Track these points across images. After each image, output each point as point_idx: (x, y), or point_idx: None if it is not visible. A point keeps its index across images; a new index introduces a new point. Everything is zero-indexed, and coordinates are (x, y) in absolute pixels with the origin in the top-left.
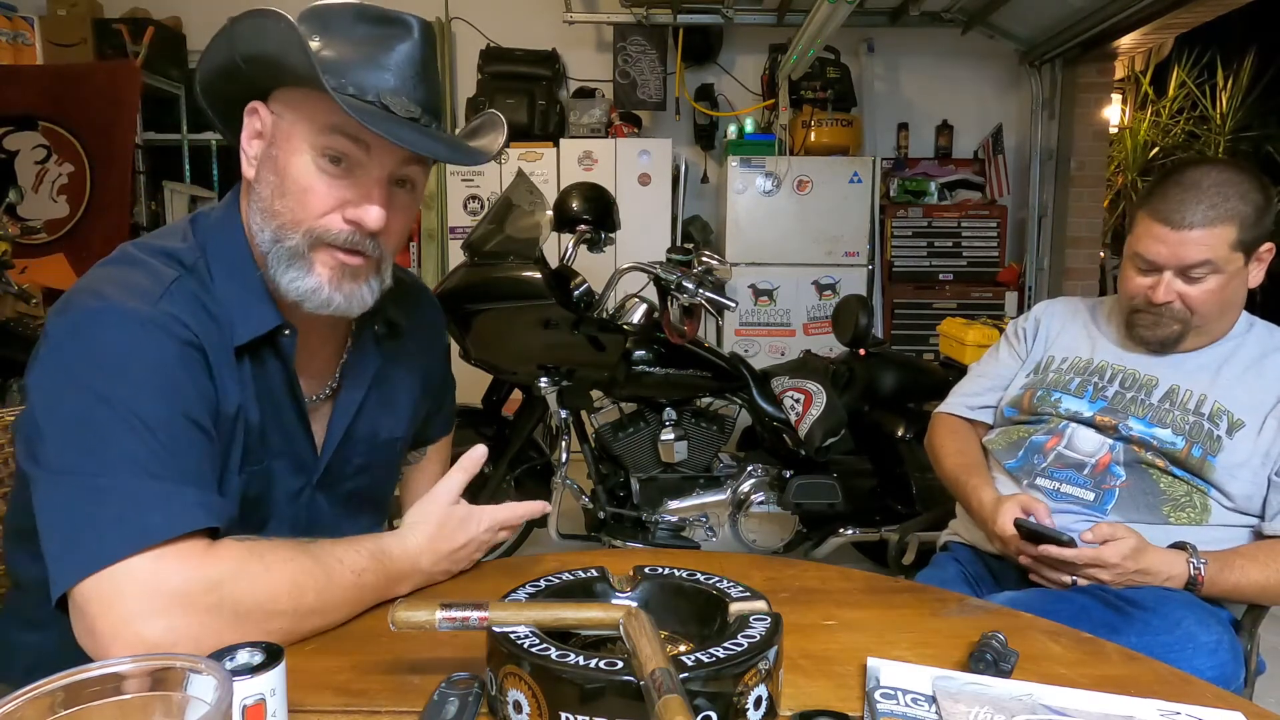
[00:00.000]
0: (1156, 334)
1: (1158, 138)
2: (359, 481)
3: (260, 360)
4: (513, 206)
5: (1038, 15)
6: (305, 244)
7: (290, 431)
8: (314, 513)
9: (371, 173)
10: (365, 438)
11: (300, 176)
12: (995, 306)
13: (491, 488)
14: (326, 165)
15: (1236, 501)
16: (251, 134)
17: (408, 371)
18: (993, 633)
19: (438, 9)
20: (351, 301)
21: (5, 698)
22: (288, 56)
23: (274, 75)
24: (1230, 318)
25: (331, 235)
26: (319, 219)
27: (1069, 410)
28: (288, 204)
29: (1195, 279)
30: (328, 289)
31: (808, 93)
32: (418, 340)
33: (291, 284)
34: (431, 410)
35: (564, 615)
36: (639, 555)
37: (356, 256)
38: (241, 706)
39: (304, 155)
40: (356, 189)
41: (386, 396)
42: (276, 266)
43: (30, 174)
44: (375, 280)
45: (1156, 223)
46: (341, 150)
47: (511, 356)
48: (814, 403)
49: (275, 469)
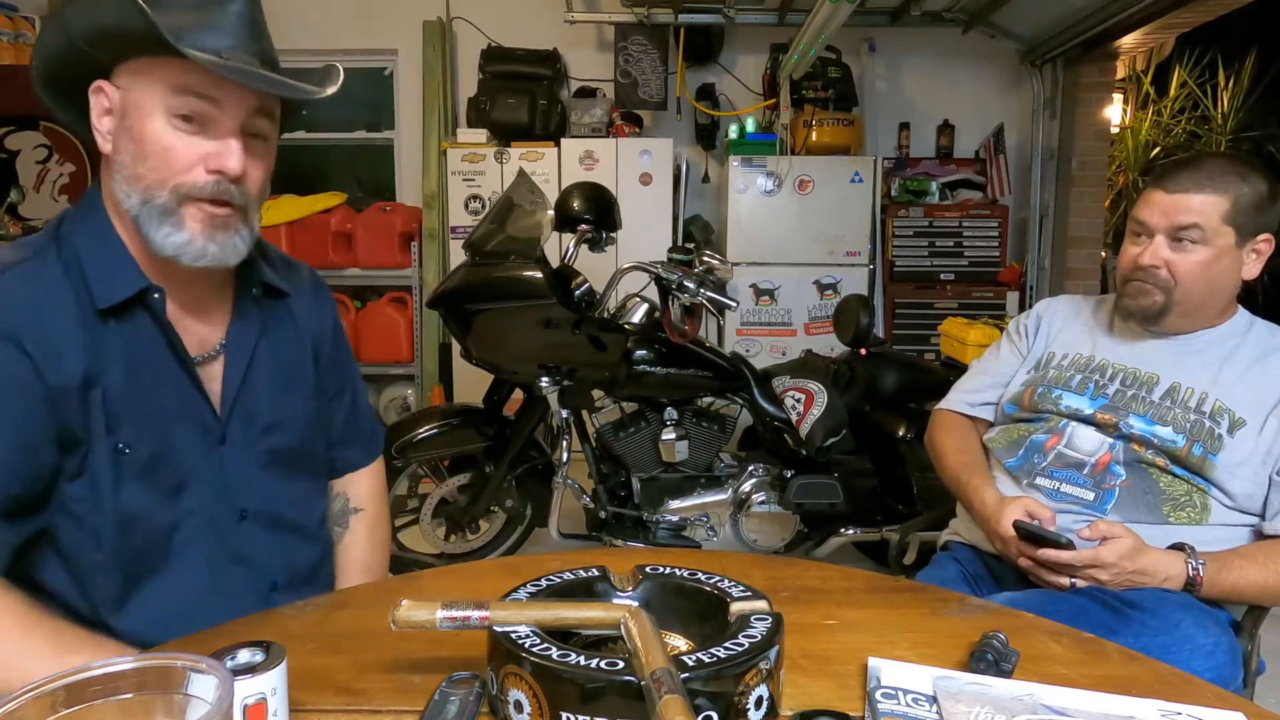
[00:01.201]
0: (1139, 302)
1: (1159, 137)
2: (276, 440)
3: (133, 324)
4: (514, 206)
5: (1039, 15)
6: (173, 200)
7: (183, 391)
8: (234, 474)
9: (225, 124)
10: (267, 393)
11: (158, 138)
12: (996, 306)
13: (492, 488)
14: (181, 124)
15: (1237, 500)
16: (101, 112)
17: (296, 329)
18: (993, 633)
19: (439, 9)
20: (226, 251)
21: (6, 697)
22: (129, 25)
23: (116, 48)
24: (1218, 303)
25: (198, 188)
26: (183, 175)
27: (1069, 407)
28: (150, 165)
29: (1182, 245)
30: (201, 240)
31: (809, 92)
32: (301, 304)
33: (166, 240)
34: (335, 396)
35: (565, 615)
36: (640, 555)
37: (224, 207)
38: (242, 706)
39: (158, 118)
40: (214, 141)
41: (279, 352)
42: (148, 225)
43: (31, 174)
44: (245, 229)
45: (1156, 189)
46: (193, 110)
47: (512, 356)
48: (815, 402)
49: (175, 431)
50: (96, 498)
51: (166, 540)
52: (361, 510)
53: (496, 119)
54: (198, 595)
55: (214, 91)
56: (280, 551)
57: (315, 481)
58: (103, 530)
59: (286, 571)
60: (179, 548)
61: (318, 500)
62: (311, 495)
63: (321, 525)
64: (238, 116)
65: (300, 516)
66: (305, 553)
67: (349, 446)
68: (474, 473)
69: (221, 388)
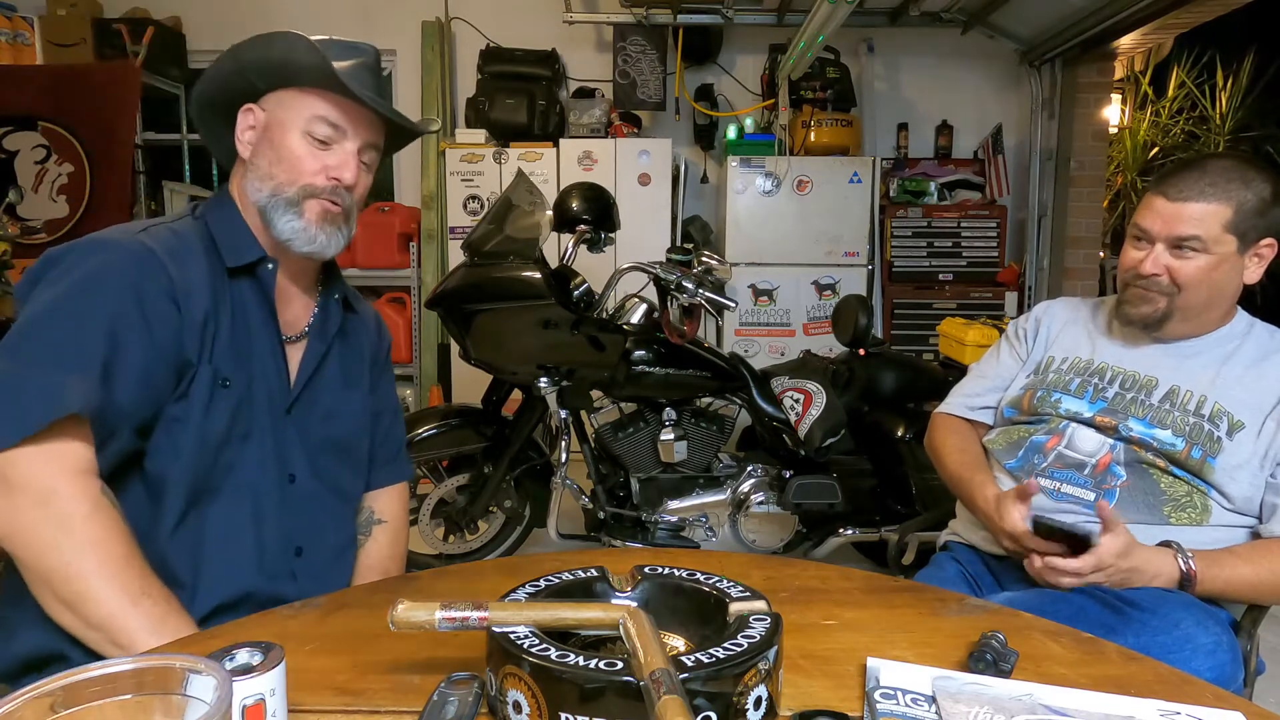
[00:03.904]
0: (1141, 310)
1: (1157, 138)
2: (330, 429)
3: (247, 288)
4: (512, 206)
5: (1037, 15)
6: (299, 195)
7: (271, 356)
8: (290, 443)
9: (346, 146)
10: (331, 384)
11: (293, 149)
12: (995, 306)
13: (491, 488)
14: (313, 143)
15: (1236, 503)
16: (245, 126)
17: (361, 339)
18: (993, 632)
19: (437, 9)
20: (330, 241)
21: (5, 698)
22: (296, 54)
23: (275, 77)
24: (1220, 308)
25: (318, 189)
26: (309, 178)
27: (1069, 410)
28: (283, 168)
29: (1184, 254)
30: (314, 228)
31: (807, 93)
32: (366, 328)
33: (286, 225)
34: (375, 417)
35: (564, 615)
36: (639, 555)
37: (336, 205)
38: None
39: (295, 134)
40: (336, 157)
41: (347, 353)
42: (274, 212)
43: (30, 174)
44: (346, 229)
45: (1157, 196)
46: (326, 135)
47: (511, 356)
48: (814, 403)
49: (257, 388)
50: (188, 415)
51: (225, 475)
52: (385, 522)
53: (495, 119)
54: (237, 537)
55: (343, 122)
56: (315, 522)
57: (356, 477)
58: (184, 445)
59: (316, 542)
60: (232, 488)
61: (356, 492)
62: (353, 484)
63: (353, 518)
64: (358, 141)
65: (337, 501)
66: (334, 531)
67: (379, 467)
68: (473, 473)
69: (299, 369)
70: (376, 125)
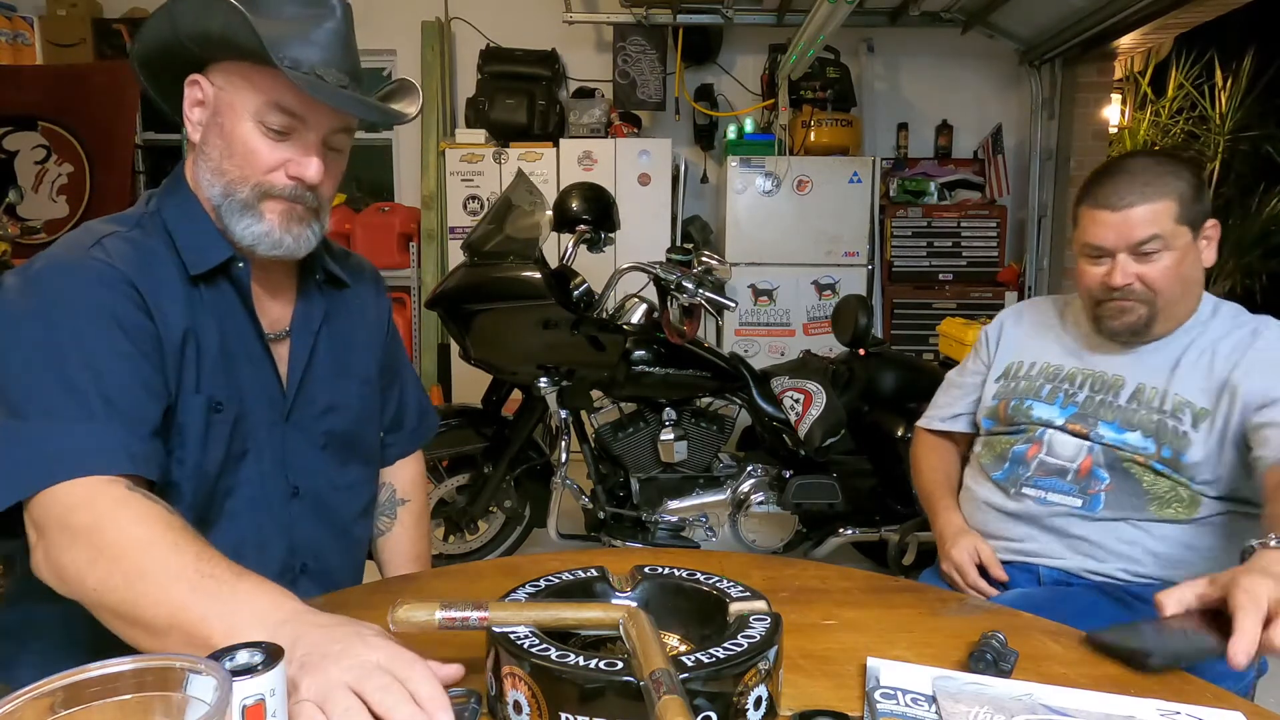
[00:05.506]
0: (1125, 321)
1: (1157, 138)
2: (332, 422)
3: (221, 292)
4: (512, 206)
5: (1037, 15)
6: (254, 196)
7: (258, 363)
8: (293, 451)
9: (308, 138)
10: (327, 376)
11: (245, 140)
12: (995, 306)
13: (491, 488)
14: (268, 132)
15: (1220, 489)
16: (193, 102)
17: (356, 314)
18: (993, 632)
19: (437, 9)
20: (299, 242)
21: (5, 698)
22: (235, 36)
23: (217, 50)
24: (1193, 297)
25: (277, 189)
26: (264, 175)
27: (1041, 417)
28: (235, 163)
29: (1148, 257)
30: (278, 231)
31: (807, 93)
32: (359, 292)
33: (246, 230)
34: (387, 387)
35: (564, 615)
36: (639, 555)
37: (299, 205)
38: (241, 706)
39: (247, 122)
40: (296, 150)
41: (338, 338)
42: (229, 217)
43: (30, 174)
44: (316, 224)
45: (1098, 209)
46: (282, 123)
47: (511, 356)
48: (814, 403)
49: (250, 400)
50: (183, 451)
51: (222, 504)
52: (408, 502)
53: (495, 119)
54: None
55: (302, 109)
56: (318, 539)
57: (367, 467)
58: (181, 480)
59: (317, 560)
60: (230, 513)
61: (367, 488)
62: (362, 482)
63: (360, 519)
64: (321, 131)
65: (344, 507)
66: (336, 549)
67: (396, 435)
68: (473, 473)
69: (289, 368)
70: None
